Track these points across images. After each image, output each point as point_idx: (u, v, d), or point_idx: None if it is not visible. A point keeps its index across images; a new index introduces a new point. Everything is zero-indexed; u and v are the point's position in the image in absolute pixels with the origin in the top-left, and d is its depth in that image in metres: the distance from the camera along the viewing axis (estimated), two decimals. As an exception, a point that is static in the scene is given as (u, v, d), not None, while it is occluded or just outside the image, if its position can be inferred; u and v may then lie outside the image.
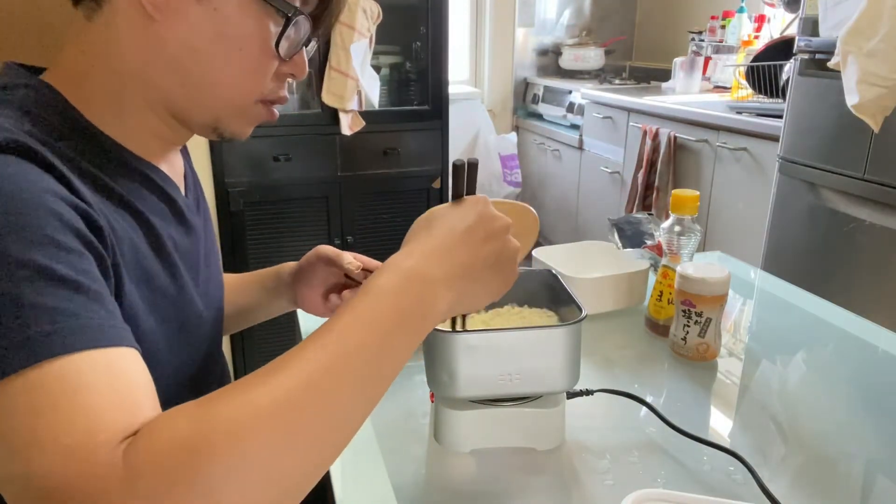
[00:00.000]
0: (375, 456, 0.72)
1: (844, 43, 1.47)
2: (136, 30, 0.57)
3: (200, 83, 0.60)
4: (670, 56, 3.04)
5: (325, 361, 0.44)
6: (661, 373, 0.91)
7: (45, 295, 0.42)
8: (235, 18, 0.57)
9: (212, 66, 0.59)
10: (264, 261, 2.19)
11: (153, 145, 0.64)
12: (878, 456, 0.73)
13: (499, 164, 3.38)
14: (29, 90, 0.56)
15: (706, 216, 2.32)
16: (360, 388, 0.46)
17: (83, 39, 0.59)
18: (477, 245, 0.55)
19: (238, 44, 0.59)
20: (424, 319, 0.51)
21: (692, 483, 0.67)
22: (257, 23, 0.58)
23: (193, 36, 0.57)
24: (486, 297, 0.58)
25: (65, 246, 0.45)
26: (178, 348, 0.64)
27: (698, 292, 0.87)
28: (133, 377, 0.44)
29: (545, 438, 0.72)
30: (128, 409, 0.41)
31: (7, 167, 0.46)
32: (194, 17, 0.56)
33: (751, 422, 0.80)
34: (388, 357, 0.48)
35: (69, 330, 0.41)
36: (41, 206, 0.45)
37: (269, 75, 0.62)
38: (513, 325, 0.78)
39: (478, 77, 3.69)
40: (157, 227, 0.61)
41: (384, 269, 0.52)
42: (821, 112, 1.77)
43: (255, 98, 0.63)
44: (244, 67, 0.60)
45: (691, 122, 2.36)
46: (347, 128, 2.08)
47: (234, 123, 0.64)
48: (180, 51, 0.58)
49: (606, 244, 1.16)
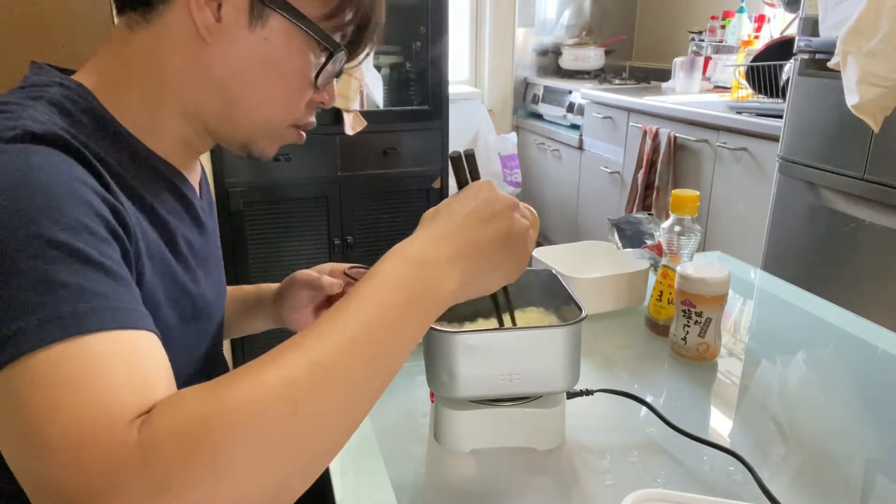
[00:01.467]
0: (375, 456, 0.72)
1: (844, 43, 1.47)
2: (186, 49, 0.59)
3: (240, 105, 0.62)
4: (670, 56, 3.04)
5: (334, 344, 0.45)
6: (661, 373, 0.91)
7: (77, 275, 0.43)
8: (282, 49, 0.60)
9: (253, 91, 0.61)
10: (264, 261, 2.19)
11: (179, 151, 0.66)
12: (878, 456, 0.73)
13: (499, 164, 3.38)
14: (62, 88, 0.57)
15: (706, 216, 2.32)
16: (371, 370, 0.47)
17: (124, 49, 0.61)
18: (482, 224, 0.55)
19: (281, 71, 0.61)
20: (431, 300, 0.51)
21: (692, 483, 0.67)
22: (301, 54, 0.61)
23: (241, 61, 0.60)
24: (499, 276, 0.58)
25: (96, 232, 0.46)
26: (190, 344, 0.66)
27: (698, 292, 0.87)
28: (153, 359, 0.45)
29: (545, 438, 0.72)
30: (147, 388, 0.42)
31: (43, 156, 0.48)
32: (244, 43, 0.59)
33: (751, 422, 0.80)
34: (397, 338, 0.49)
35: (98, 309, 0.43)
36: (75, 194, 0.47)
37: (303, 103, 0.65)
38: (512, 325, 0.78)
39: (478, 77, 3.69)
40: (175, 229, 0.62)
41: (389, 255, 0.52)
42: (821, 112, 1.77)
43: (288, 123, 0.66)
44: (283, 94, 0.63)
45: (691, 122, 2.36)
46: (350, 127, 2.08)
47: (265, 144, 0.67)
48: (225, 73, 0.60)
49: (606, 244, 1.16)
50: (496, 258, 0.56)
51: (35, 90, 0.56)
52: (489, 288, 0.58)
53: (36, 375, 0.40)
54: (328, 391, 0.43)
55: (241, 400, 0.40)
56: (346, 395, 0.45)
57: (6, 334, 0.40)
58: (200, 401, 0.40)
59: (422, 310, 0.51)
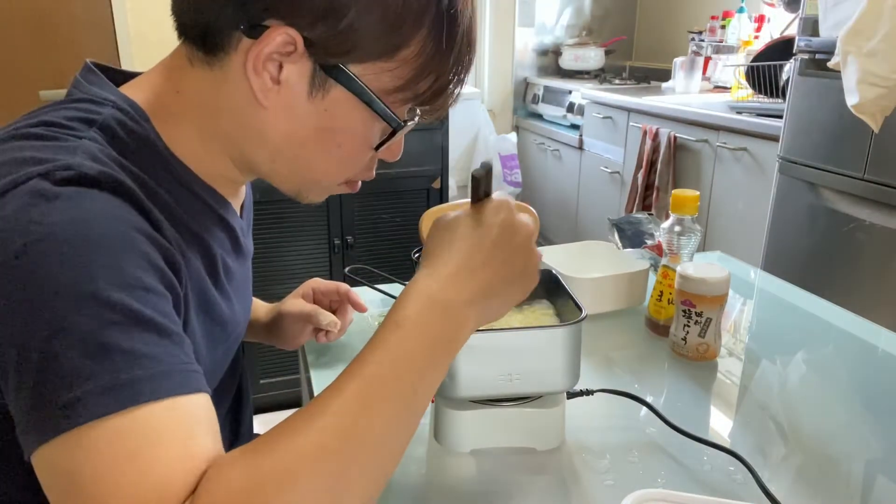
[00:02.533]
0: (375, 456, 0.72)
1: (844, 43, 1.47)
2: (241, 107, 0.56)
3: (290, 166, 0.60)
4: (670, 56, 3.04)
5: (363, 400, 0.45)
6: (661, 373, 0.91)
7: (134, 339, 0.43)
8: (343, 120, 0.56)
9: (308, 156, 0.59)
10: (264, 261, 2.19)
11: (226, 183, 0.64)
12: (878, 456, 0.73)
13: (499, 164, 3.38)
14: (117, 111, 0.55)
15: (706, 216, 2.32)
16: (401, 421, 0.48)
17: (181, 80, 0.58)
18: (502, 262, 0.54)
19: (339, 140, 0.58)
20: (453, 343, 0.52)
21: (692, 483, 0.67)
22: (364, 125, 0.58)
23: (297, 128, 0.56)
24: (509, 306, 0.58)
25: (152, 288, 0.46)
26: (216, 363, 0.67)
27: (698, 292, 0.87)
28: (204, 425, 0.45)
29: (545, 438, 0.72)
30: (197, 462, 0.42)
31: (99, 205, 0.47)
32: (302, 111, 0.55)
33: (751, 422, 0.80)
34: (422, 385, 0.49)
35: (154, 376, 0.42)
36: (132, 247, 0.46)
37: (361, 165, 0.63)
38: (513, 325, 0.78)
39: (478, 77, 3.69)
40: (218, 259, 0.62)
41: (409, 296, 0.51)
42: (821, 112, 1.77)
43: (343, 181, 0.64)
44: (340, 160, 0.60)
45: (691, 122, 2.36)
46: None
47: (314, 196, 0.65)
48: (279, 137, 0.57)
49: (606, 244, 1.16)
50: (510, 293, 0.57)
51: (87, 109, 0.54)
52: (498, 317, 0.58)
53: (92, 447, 0.40)
54: (362, 452, 0.44)
55: (277, 470, 0.41)
56: (379, 449, 0.46)
57: (64, 402, 0.40)
58: (239, 475, 0.41)
59: (444, 355, 0.51)
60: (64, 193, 0.45)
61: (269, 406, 2.27)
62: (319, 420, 0.44)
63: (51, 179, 0.46)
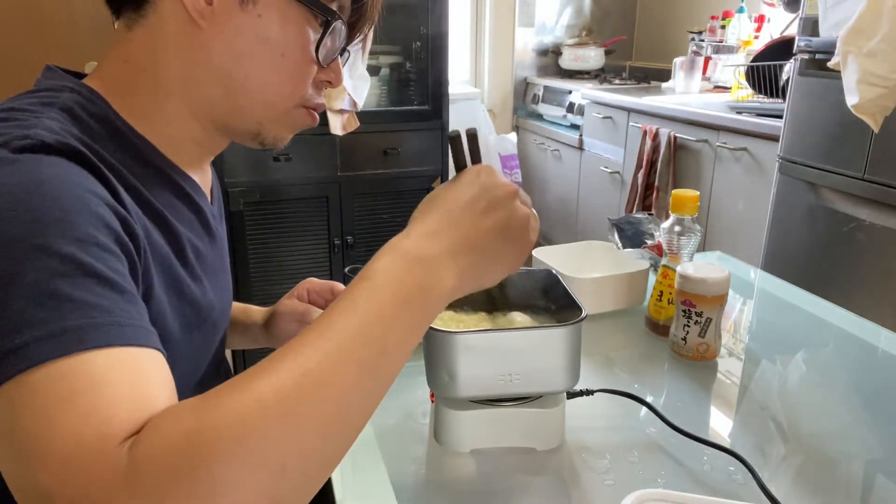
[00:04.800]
0: (375, 456, 0.72)
1: (844, 43, 1.47)
2: (182, 38, 0.59)
3: (244, 89, 0.61)
4: (670, 56, 3.04)
5: (326, 351, 0.43)
6: (661, 373, 0.91)
7: (84, 289, 0.43)
8: (278, 24, 0.59)
9: (255, 72, 0.61)
10: (264, 261, 2.19)
11: (191, 153, 0.65)
12: (878, 456, 0.73)
13: (499, 164, 3.38)
14: (74, 94, 0.57)
15: (706, 216, 2.32)
16: (366, 375, 0.45)
17: (126, 49, 0.61)
18: (480, 215, 0.53)
19: (280, 49, 0.60)
20: (430, 298, 0.49)
21: (692, 483, 0.67)
22: (298, 28, 0.60)
23: (238, 42, 0.59)
24: (501, 268, 0.55)
25: (105, 246, 0.46)
26: (195, 352, 0.66)
27: (698, 292, 0.87)
28: (155, 376, 0.44)
29: (545, 438, 0.72)
30: (144, 405, 0.41)
31: (55, 168, 0.47)
32: (239, 23, 0.58)
33: (751, 422, 0.80)
34: (393, 340, 0.46)
35: (103, 325, 0.42)
36: (85, 207, 0.46)
37: (309, 81, 0.63)
38: (512, 325, 0.78)
39: (478, 77, 3.69)
40: (184, 238, 0.62)
41: (383, 251, 0.50)
42: (821, 112, 1.77)
43: (295, 103, 0.64)
44: (286, 72, 0.61)
45: (691, 122, 2.36)
46: (340, 128, 2.08)
47: (276, 129, 0.65)
48: (225, 57, 0.59)
49: (606, 244, 1.16)
50: (496, 249, 0.54)
51: (47, 95, 0.56)
52: (490, 281, 0.55)
53: (36, 390, 0.39)
54: (321, 401, 0.42)
55: (231, 415, 0.39)
56: (341, 405, 0.43)
57: (10, 347, 0.40)
58: (189, 417, 0.39)
59: (419, 308, 0.48)
60: (21, 159, 0.47)
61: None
62: (280, 368, 0.42)
63: (9, 148, 0.47)
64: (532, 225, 0.57)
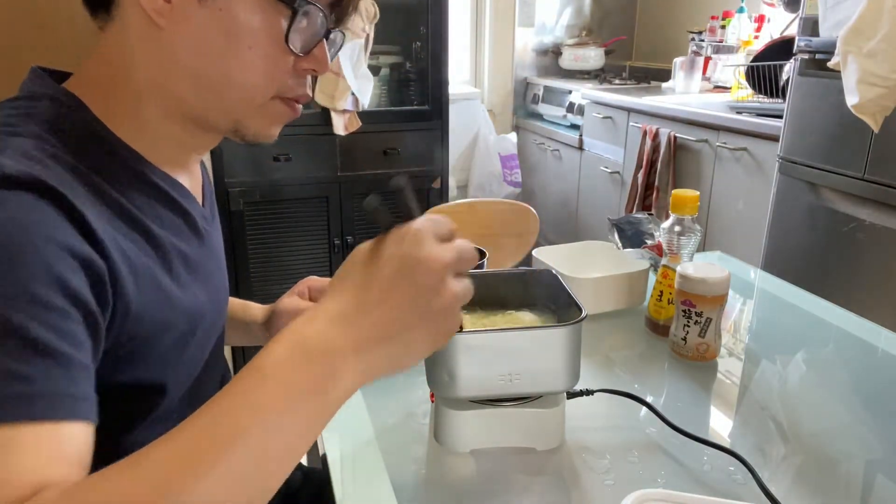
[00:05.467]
0: (375, 456, 0.72)
1: (844, 43, 1.47)
2: (146, 39, 0.57)
3: (214, 86, 0.59)
4: (670, 56, 3.04)
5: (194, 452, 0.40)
6: (661, 373, 0.91)
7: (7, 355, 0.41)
8: (242, 16, 0.57)
9: (223, 68, 0.58)
10: (264, 261, 2.19)
11: (175, 154, 0.64)
12: (878, 456, 0.73)
13: (499, 164, 3.38)
14: (53, 102, 0.56)
15: (706, 216, 2.32)
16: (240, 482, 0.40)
17: (101, 50, 0.60)
18: (399, 300, 0.46)
19: (247, 41, 0.58)
20: (326, 396, 0.44)
21: (692, 483, 0.67)
22: (265, 18, 0.57)
23: (201, 39, 0.57)
24: (412, 358, 0.48)
25: (48, 304, 0.44)
26: (189, 356, 0.65)
27: (698, 292, 0.87)
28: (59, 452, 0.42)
29: (545, 438, 0.72)
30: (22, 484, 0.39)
31: (12, 209, 0.45)
32: (200, 19, 0.56)
33: (751, 422, 0.80)
34: (275, 443, 0.42)
35: (16, 397, 0.41)
36: (33, 258, 0.44)
37: (283, 71, 0.61)
38: (512, 325, 0.78)
39: (478, 77, 3.69)
40: (168, 246, 0.60)
41: (280, 337, 0.44)
42: (821, 112, 1.77)
43: (270, 95, 0.61)
44: (256, 65, 0.59)
45: (691, 122, 2.36)
46: (342, 128, 2.08)
47: (255, 123, 0.63)
48: (190, 55, 0.58)
49: (606, 244, 1.16)
50: (410, 340, 0.47)
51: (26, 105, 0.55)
52: (400, 369, 0.48)
53: None
54: None
55: None
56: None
57: None
58: None
59: (313, 409, 0.43)
60: None
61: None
62: (138, 470, 0.39)
63: None
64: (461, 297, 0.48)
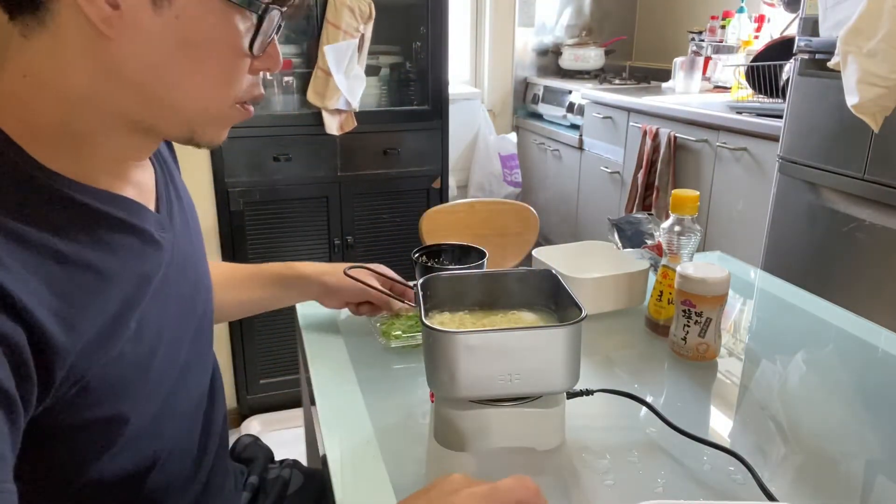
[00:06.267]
0: (375, 456, 0.72)
1: (844, 43, 1.47)
2: (88, 50, 0.51)
3: (166, 100, 0.54)
4: (670, 56, 3.04)
5: None
6: (661, 373, 0.91)
7: None
8: (201, 25, 0.52)
9: (179, 81, 0.54)
10: (264, 261, 2.19)
11: (116, 168, 0.58)
12: (878, 456, 0.73)
13: (499, 164, 3.38)
14: None
15: (706, 216, 2.32)
16: None
17: (23, 61, 0.52)
18: None
19: (206, 51, 0.53)
20: None
21: (692, 483, 0.67)
22: (224, 23, 0.53)
23: (153, 50, 0.52)
24: None
25: None
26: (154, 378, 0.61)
27: (698, 292, 0.87)
28: None
29: (545, 438, 0.72)
30: None
31: None
32: (153, 28, 0.51)
33: (751, 422, 0.80)
34: None
35: None
36: None
37: (243, 76, 0.57)
38: (512, 325, 0.78)
39: (478, 77, 3.69)
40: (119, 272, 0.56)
41: None
42: (821, 112, 1.77)
43: (230, 103, 0.58)
44: (216, 75, 0.55)
45: (691, 122, 2.36)
46: (336, 128, 2.08)
47: (211, 131, 0.60)
48: (139, 69, 0.52)
49: (606, 244, 1.16)
50: None
51: None
52: None
53: None
54: None
55: None
56: None
57: None
58: None
59: None
60: None
61: (270, 406, 2.28)
62: None
63: None
64: None
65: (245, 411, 2.28)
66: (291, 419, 2.20)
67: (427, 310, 0.78)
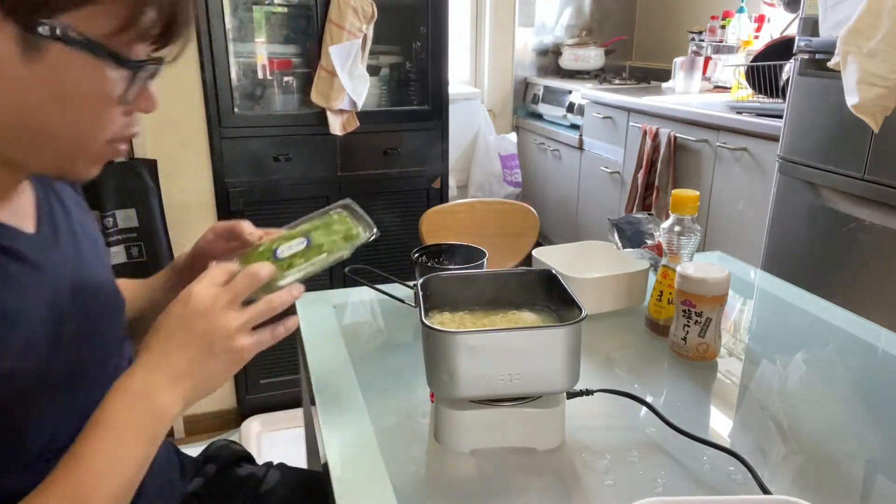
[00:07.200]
0: (375, 456, 0.72)
1: (844, 43, 1.47)
2: None
3: (37, 143, 0.56)
4: (670, 56, 3.04)
5: None
6: (661, 373, 0.91)
7: None
8: (73, 78, 0.53)
9: (50, 128, 0.55)
10: (264, 261, 2.19)
11: None
12: (878, 456, 0.73)
13: (499, 164, 3.38)
14: None
15: (706, 216, 2.32)
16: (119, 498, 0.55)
17: None
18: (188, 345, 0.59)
19: (79, 99, 0.54)
20: (159, 424, 0.58)
21: (692, 483, 0.67)
22: (96, 77, 0.54)
23: (28, 101, 0.53)
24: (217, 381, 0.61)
25: None
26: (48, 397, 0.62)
27: (698, 292, 0.87)
28: None
29: (545, 438, 0.72)
30: None
31: None
32: (25, 81, 0.52)
33: (751, 422, 0.80)
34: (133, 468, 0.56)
35: None
36: None
37: (117, 120, 0.58)
38: (512, 325, 0.78)
39: (478, 77, 3.69)
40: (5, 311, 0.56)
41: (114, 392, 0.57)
42: (821, 112, 1.77)
43: (102, 144, 0.59)
44: (89, 121, 0.56)
45: (691, 122, 2.36)
46: (339, 128, 2.08)
47: (82, 167, 0.60)
48: (9, 111, 0.53)
49: (606, 244, 1.16)
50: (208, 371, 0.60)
51: None
52: (214, 389, 0.61)
53: None
54: None
55: None
56: None
57: None
58: None
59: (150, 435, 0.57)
60: None
61: (270, 406, 2.27)
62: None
63: None
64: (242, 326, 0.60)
65: (245, 411, 2.27)
66: (291, 419, 2.20)
67: (427, 310, 0.78)
